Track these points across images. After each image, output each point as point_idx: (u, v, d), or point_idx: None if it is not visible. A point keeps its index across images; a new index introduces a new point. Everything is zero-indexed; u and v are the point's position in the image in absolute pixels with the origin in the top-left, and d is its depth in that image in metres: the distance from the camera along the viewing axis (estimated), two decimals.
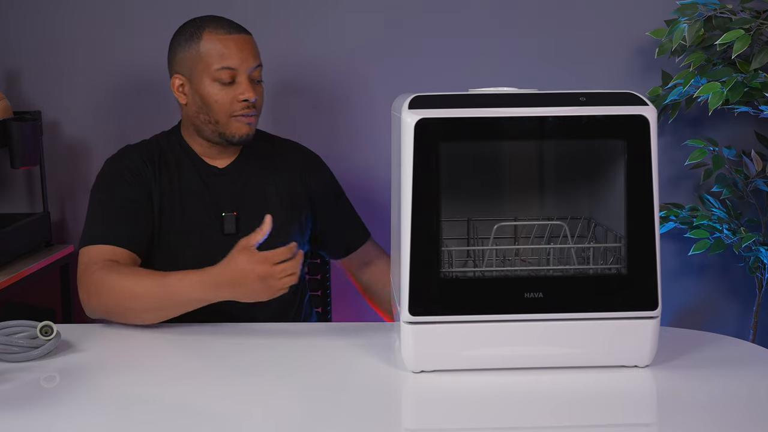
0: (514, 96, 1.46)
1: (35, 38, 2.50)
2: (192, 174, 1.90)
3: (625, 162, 1.43)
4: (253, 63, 1.86)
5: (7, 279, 2.19)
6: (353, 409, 1.35)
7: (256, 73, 1.87)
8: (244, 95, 1.83)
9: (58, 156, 2.54)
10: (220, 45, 1.83)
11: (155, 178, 1.87)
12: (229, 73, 1.83)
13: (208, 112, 1.85)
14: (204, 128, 1.88)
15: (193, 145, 1.93)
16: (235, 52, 1.83)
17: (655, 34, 2.33)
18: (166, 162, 1.90)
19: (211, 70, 1.83)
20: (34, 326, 1.56)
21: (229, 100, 1.84)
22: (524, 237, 1.66)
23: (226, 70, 1.83)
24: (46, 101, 2.51)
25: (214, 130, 1.87)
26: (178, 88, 1.89)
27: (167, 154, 1.91)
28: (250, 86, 1.85)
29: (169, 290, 1.67)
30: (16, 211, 2.56)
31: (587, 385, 1.41)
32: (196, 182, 1.89)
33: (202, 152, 1.93)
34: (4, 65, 2.51)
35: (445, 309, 1.43)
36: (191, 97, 1.87)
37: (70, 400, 1.37)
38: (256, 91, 1.87)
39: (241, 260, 1.60)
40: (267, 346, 1.63)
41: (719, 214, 2.35)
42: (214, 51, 1.83)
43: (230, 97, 1.84)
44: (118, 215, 1.82)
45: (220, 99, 1.84)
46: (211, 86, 1.84)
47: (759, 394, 1.39)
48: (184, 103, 1.90)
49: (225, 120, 1.85)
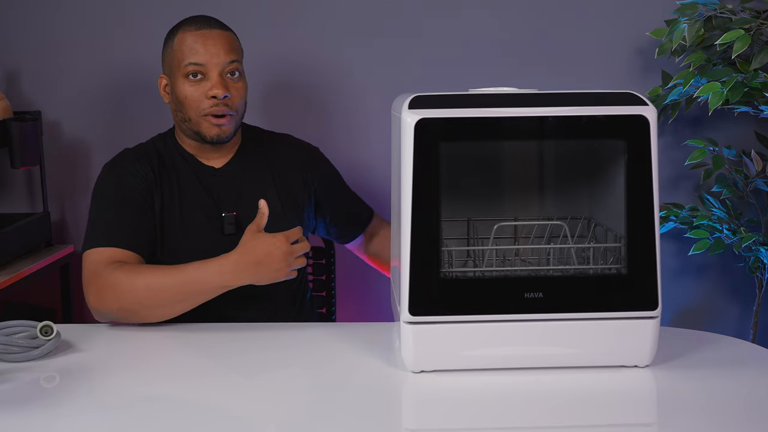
0: (514, 96, 1.46)
1: (35, 38, 2.50)
2: (190, 176, 1.90)
3: (625, 162, 1.43)
4: (224, 58, 1.83)
5: (7, 279, 2.19)
6: (353, 409, 1.35)
7: (230, 68, 1.84)
8: (212, 91, 1.81)
9: (58, 156, 2.54)
10: (190, 41, 1.83)
11: (156, 181, 1.87)
12: (197, 69, 1.82)
13: (182, 110, 1.85)
14: (183, 126, 1.89)
15: (186, 147, 1.92)
16: (203, 47, 1.82)
17: (655, 34, 2.33)
18: (164, 165, 1.90)
19: (181, 67, 1.83)
20: (34, 326, 1.56)
21: (198, 97, 1.83)
22: (524, 237, 1.66)
23: (194, 65, 1.82)
24: (46, 101, 2.51)
25: (189, 128, 1.87)
26: (164, 88, 1.91)
27: (165, 157, 1.91)
28: (221, 82, 1.82)
29: (189, 280, 1.68)
30: (16, 211, 2.56)
31: (587, 385, 1.41)
32: (194, 184, 1.89)
33: (196, 153, 1.92)
34: (4, 65, 2.51)
35: (445, 309, 1.43)
36: (171, 96, 1.88)
37: (70, 400, 1.37)
38: (230, 87, 1.84)
39: (263, 241, 1.67)
40: (267, 346, 1.63)
41: (719, 214, 2.35)
42: (185, 47, 1.83)
43: (200, 93, 1.83)
44: (122, 218, 1.81)
45: (190, 95, 1.83)
46: (182, 83, 1.84)
47: (759, 394, 1.39)
48: (167, 102, 1.91)
49: (196, 118, 1.84)
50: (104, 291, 1.70)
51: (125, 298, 1.68)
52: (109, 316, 1.73)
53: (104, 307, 1.71)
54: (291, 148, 2.01)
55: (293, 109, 2.52)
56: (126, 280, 1.69)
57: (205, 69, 1.82)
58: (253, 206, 1.85)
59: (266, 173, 1.94)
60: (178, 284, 1.68)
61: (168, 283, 1.68)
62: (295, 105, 2.52)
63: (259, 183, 1.93)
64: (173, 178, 1.89)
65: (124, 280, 1.69)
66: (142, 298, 1.68)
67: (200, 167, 1.91)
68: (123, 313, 1.70)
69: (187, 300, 1.69)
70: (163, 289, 1.68)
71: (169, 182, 1.88)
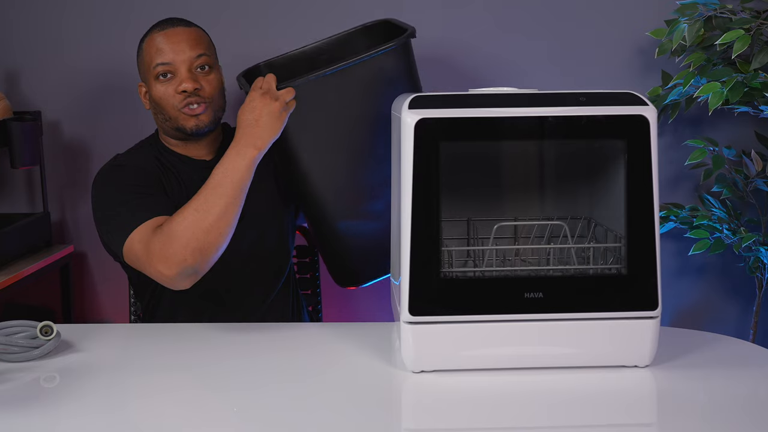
0: (514, 96, 1.46)
1: (35, 38, 2.50)
2: (187, 170, 1.91)
3: (625, 162, 1.43)
4: (190, 53, 1.85)
5: (7, 279, 2.19)
6: (353, 409, 1.35)
7: (199, 62, 1.86)
8: (181, 86, 1.84)
9: (58, 156, 2.54)
10: (155, 43, 1.86)
11: (163, 179, 1.88)
12: (165, 68, 1.85)
13: (161, 111, 1.88)
14: (165, 127, 1.90)
15: (173, 147, 1.94)
16: (167, 46, 1.85)
17: (655, 34, 2.32)
18: (161, 162, 1.91)
19: (151, 69, 1.86)
20: (34, 326, 1.56)
21: (171, 93, 1.85)
22: (524, 237, 1.66)
23: (162, 65, 1.85)
24: (46, 101, 2.51)
25: (171, 127, 1.89)
26: (144, 95, 1.93)
27: (160, 156, 1.92)
28: (189, 76, 1.84)
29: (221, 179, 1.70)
30: (16, 211, 2.56)
31: (587, 385, 1.41)
32: (193, 177, 1.90)
33: (183, 151, 1.94)
34: (4, 65, 2.51)
35: (445, 309, 1.43)
36: (150, 101, 1.91)
37: (70, 400, 1.37)
38: (201, 80, 1.86)
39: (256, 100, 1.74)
40: (267, 346, 1.63)
41: (719, 214, 2.35)
42: (152, 50, 1.86)
43: (171, 90, 1.85)
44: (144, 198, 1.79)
45: (163, 95, 1.86)
46: (156, 85, 1.86)
47: (759, 394, 1.39)
48: (148, 109, 1.93)
49: (174, 114, 1.87)
50: (167, 249, 1.65)
51: (187, 238, 1.64)
52: (189, 272, 1.66)
53: (179, 264, 1.64)
54: None
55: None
56: (175, 224, 1.66)
57: (173, 67, 1.85)
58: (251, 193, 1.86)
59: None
60: (215, 188, 1.69)
61: (208, 195, 1.68)
62: None
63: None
64: (173, 173, 1.90)
65: (173, 226, 1.66)
66: (200, 224, 1.65)
67: (192, 162, 1.93)
68: (198, 254, 1.65)
69: (235, 194, 1.69)
70: (208, 202, 1.67)
71: (171, 176, 1.90)
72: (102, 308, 2.58)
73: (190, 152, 1.93)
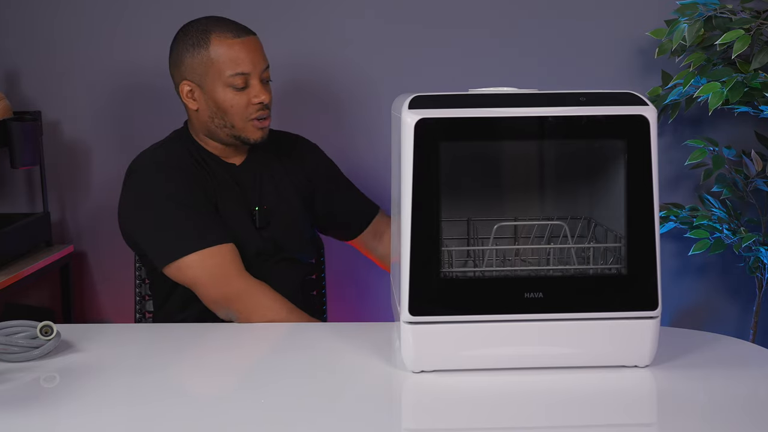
0: (514, 96, 1.46)
1: (35, 38, 2.50)
2: (221, 172, 1.92)
3: (625, 162, 1.43)
4: (263, 64, 1.88)
5: (7, 279, 2.19)
6: (353, 408, 1.35)
7: (266, 74, 1.89)
8: (258, 98, 1.85)
9: (58, 156, 2.54)
10: (231, 50, 1.83)
11: (201, 177, 1.89)
12: (242, 78, 1.84)
13: (223, 117, 1.86)
14: (218, 132, 1.89)
15: (210, 148, 1.94)
16: (246, 56, 1.84)
17: (655, 34, 2.33)
18: (197, 162, 1.91)
19: (224, 77, 1.84)
20: (34, 326, 1.55)
21: (244, 104, 1.85)
22: (524, 237, 1.66)
23: (240, 75, 1.84)
24: (46, 101, 2.51)
25: (229, 134, 1.88)
26: (187, 94, 1.89)
27: (194, 155, 1.92)
28: (263, 88, 1.87)
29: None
30: (16, 211, 2.56)
31: (587, 385, 1.41)
32: (226, 179, 1.91)
33: (217, 153, 1.94)
34: (4, 65, 2.51)
35: (445, 309, 1.43)
36: (203, 103, 1.87)
37: (70, 400, 1.37)
38: (268, 91, 1.89)
39: None
40: (267, 346, 1.63)
41: (719, 214, 2.35)
42: (226, 57, 1.83)
43: (245, 101, 1.85)
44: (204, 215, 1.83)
45: (236, 104, 1.85)
46: (224, 92, 1.84)
47: (759, 394, 1.39)
48: (194, 109, 1.89)
49: (241, 124, 1.86)
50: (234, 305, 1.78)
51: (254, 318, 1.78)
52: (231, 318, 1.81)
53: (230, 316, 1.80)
54: (295, 144, 2.06)
55: (292, 110, 2.52)
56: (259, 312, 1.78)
57: (249, 78, 1.85)
58: (274, 200, 1.89)
59: (279, 169, 1.99)
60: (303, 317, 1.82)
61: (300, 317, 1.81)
62: (294, 105, 2.51)
63: (276, 178, 1.97)
64: (207, 174, 1.90)
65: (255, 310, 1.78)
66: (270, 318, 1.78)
67: (225, 165, 1.94)
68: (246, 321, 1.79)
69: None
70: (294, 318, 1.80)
71: (206, 177, 1.90)
72: (102, 308, 2.58)
73: (226, 156, 1.94)
